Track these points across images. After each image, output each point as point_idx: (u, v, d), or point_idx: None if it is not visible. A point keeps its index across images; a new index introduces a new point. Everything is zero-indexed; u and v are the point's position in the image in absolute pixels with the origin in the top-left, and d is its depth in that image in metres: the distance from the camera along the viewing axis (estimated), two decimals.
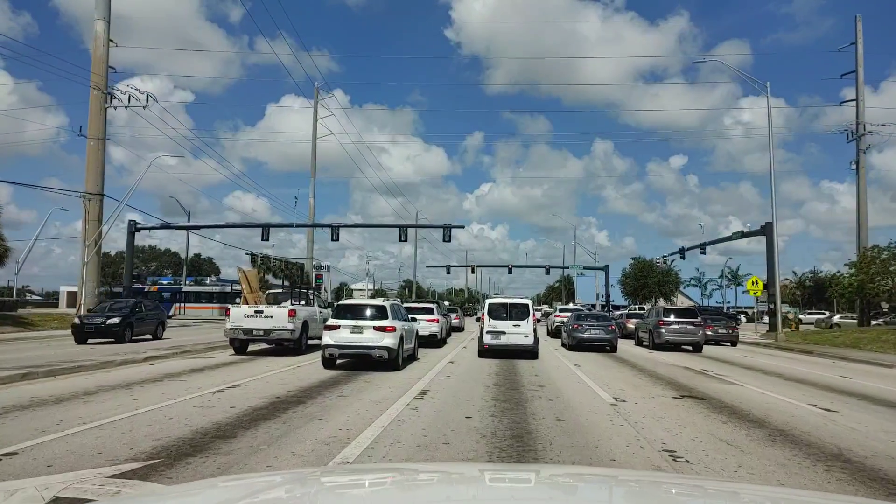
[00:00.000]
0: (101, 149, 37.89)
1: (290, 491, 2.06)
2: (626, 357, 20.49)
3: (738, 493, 2.22)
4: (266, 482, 2.33)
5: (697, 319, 24.14)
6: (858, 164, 41.21)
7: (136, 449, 6.41)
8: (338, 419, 8.34)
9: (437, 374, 13.83)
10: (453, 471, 2.83)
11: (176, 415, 8.34)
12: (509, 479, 2.42)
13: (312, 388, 11.28)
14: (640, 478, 2.97)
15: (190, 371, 13.44)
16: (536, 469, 3.87)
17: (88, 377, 12.18)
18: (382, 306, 14.97)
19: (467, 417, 8.66)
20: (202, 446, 6.58)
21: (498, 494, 2.15)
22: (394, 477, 2.50)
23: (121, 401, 9.42)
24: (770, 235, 39.60)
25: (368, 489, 2.16)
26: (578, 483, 2.37)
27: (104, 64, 38.52)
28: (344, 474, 2.86)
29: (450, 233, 45.65)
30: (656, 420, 8.84)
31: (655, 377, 14.41)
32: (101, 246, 37.90)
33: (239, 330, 17.30)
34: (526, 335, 18.28)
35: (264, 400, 9.73)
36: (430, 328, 22.40)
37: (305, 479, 2.30)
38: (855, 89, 41.78)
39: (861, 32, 42.24)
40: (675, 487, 2.30)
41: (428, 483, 2.28)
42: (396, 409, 9.29)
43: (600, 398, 10.85)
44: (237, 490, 2.11)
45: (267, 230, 46.73)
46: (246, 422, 7.96)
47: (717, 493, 2.20)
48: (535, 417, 8.87)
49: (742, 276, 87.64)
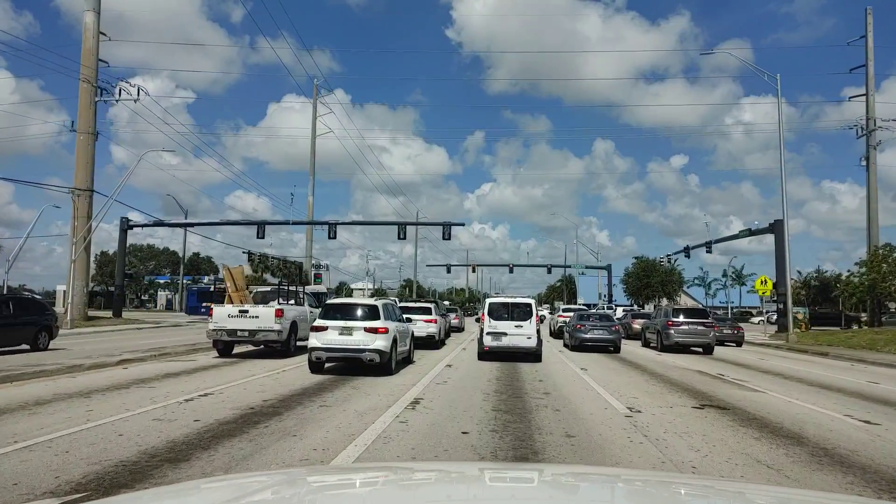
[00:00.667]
0: (90, 143, 36.79)
1: (278, 492, 1.95)
2: (634, 359, 19.40)
3: (745, 493, 2.15)
4: (258, 482, 2.19)
5: (708, 320, 23.04)
6: (869, 161, 40.17)
7: (62, 478, 5.32)
8: (315, 436, 7.25)
9: (433, 380, 12.74)
10: (453, 470, 2.75)
11: (128, 430, 7.25)
12: (510, 479, 2.37)
13: (293, 396, 10.19)
14: (645, 477, 2.88)
15: (164, 376, 12.34)
16: (539, 468, 3.75)
17: (49, 384, 11.08)
18: (374, 306, 13.86)
19: (464, 433, 7.57)
20: (144, 473, 5.48)
21: (499, 494, 2.10)
22: (395, 475, 2.42)
23: (73, 412, 8.33)
24: (780, 233, 38.53)
25: (370, 488, 2.12)
26: (581, 482, 2.31)
27: (94, 56, 37.47)
28: (342, 473, 2.80)
29: (449, 230, 44.63)
30: (680, 436, 7.75)
31: (669, 383, 13.31)
32: (91, 243, 36.88)
33: (222, 331, 16.19)
34: (528, 336, 17.18)
35: (235, 411, 8.64)
36: (428, 329, 21.28)
37: (295, 481, 2.17)
38: (865, 84, 40.65)
39: (871, 26, 41.08)
40: (682, 487, 2.23)
41: (428, 482, 2.22)
42: (384, 422, 8.20)
43: (613, 408, 9.76)
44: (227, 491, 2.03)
45: (262, 228, 45.74)
46: (207, 439, 6.88)
47: (724, 493, 2.13)
48: (542, 432, 7.79)
49: (746, 276, 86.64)
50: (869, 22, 40.99)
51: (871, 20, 41.06)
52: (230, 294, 17.26)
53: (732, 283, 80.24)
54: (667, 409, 9.69)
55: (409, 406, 9.45)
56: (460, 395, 10.76)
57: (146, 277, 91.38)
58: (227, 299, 17.51)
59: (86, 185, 35.69)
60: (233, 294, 17.18)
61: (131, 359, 14.77)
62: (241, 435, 7.14)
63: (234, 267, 18.64)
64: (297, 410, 8.84)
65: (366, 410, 9.01)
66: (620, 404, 10.08)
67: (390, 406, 9.39)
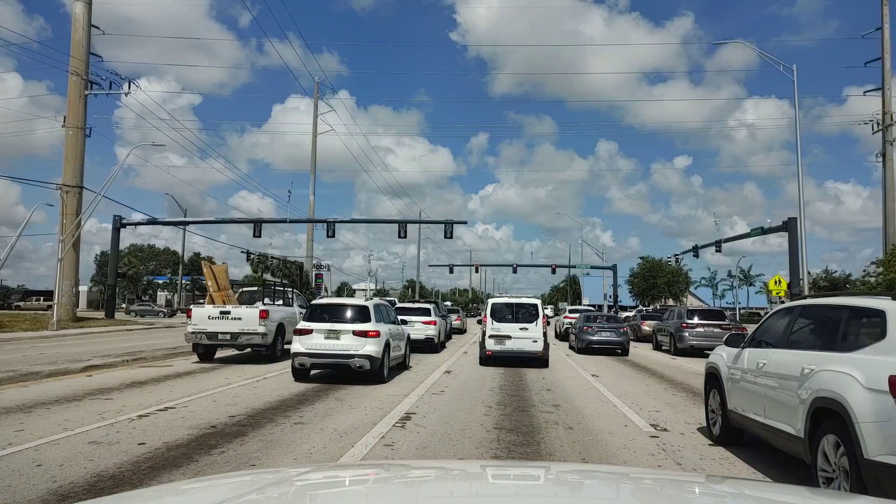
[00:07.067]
0: (80, 138, 35.50)
1: (282, 492, 1.87)
2: (648, 364, 18.08)
3: (759, 495, 2.04)
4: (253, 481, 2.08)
5: (725, 322, 21.70)
6: (885, 157, 38.81)
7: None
8: (278, 464, 5.96)
9: (429, 389, 11.44)
10: (455, 468, 2.69)
11: (51, 459, 5.96)
12: (514, 476, 2.31)
13: (266, 410, 8.90)
14: (654, 476, 2.82)
15: (128, 385, 11.06)
16: (545, 466, 3.68)
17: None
18: (364, 307, 12.54)
19: (460, 460, 6.27)
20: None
21: (503, 491, 2.06)
22: (396, 474, 2.33)
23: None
24: (794, 231, 37.19)
25: (371, 486, 2.08)
26: (587, 480, 2.28)
27: (84, 48, 36.20)
28: (347, 470, 2.82)
29: (451, 229, 43.27)
30: (720, 464, 6.44)
31: (691, 392, 11.98)
32: (80, 240, 35.61)
33: (202, 334, 14.89)
34: (534, 340, 15.84)
35: (192, 431, 7.35)
36: (426, 331, 19.92)
37: (291, 480, 2.04)
38: (881, 77, 39.24)
39: (887, 17, 39.71)
40: (688, 486, 2.14)
41: (431, 480, 2.20)
42: (366, 444, 6.92)
43: (634, 425, 8.45)
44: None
45: (259, 226, 44.47)
46: (142, 471, 5.58)
47: (735, 495, 2.05)
48: (554, 458, 6.51)
49: (754, 277, 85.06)
50: (885, 13, 39.54)
51: (886, 11, 39.62)
52: (211, 294, 15.95)
53: (741, 284, 78.67)
54: (696, 428, 8.37)
55: (399, 423, 8.15)
56: (458, 408, 9.46)
57: (145, 277, 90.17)
58: (209, 299, 16.22)
59: (74, 182, 34.43)
60: (214, 294, 15.87)
61: (100, 364, 13.48)
62: (187, 465, 5.84)
63: (217, 265, 17.33)
64: (266, 430, 7.54)
65: (347, 429, 7.72)
66: (642, 420, 8.77)
67: (376, 423, 8.10)
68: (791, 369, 5.54)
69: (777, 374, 5.83)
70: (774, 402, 5.81)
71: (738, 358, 6.85)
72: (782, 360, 5.82)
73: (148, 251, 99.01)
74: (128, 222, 42.84)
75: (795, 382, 5.38)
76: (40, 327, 28.60)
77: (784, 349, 5.98)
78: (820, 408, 4.95)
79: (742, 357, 6.77)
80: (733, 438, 7.17)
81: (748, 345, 6.85)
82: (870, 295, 6.38)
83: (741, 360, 6.77)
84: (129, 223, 43.49)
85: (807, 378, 5.19)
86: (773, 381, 5.87)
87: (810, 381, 5.12)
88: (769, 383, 5.96)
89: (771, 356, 6.09)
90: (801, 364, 5.38)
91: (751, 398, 6.36)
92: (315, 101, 48.59)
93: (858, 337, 5.11)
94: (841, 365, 4.84)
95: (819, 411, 4.97)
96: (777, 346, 6.18)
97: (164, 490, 2.51)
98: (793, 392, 5.41)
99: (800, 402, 5.23)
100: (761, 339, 6.69)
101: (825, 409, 4.88)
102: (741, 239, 49.28)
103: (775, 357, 6.00)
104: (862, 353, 4.81)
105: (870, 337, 4.90)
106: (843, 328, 5.26)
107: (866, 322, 5.13)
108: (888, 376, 4.28)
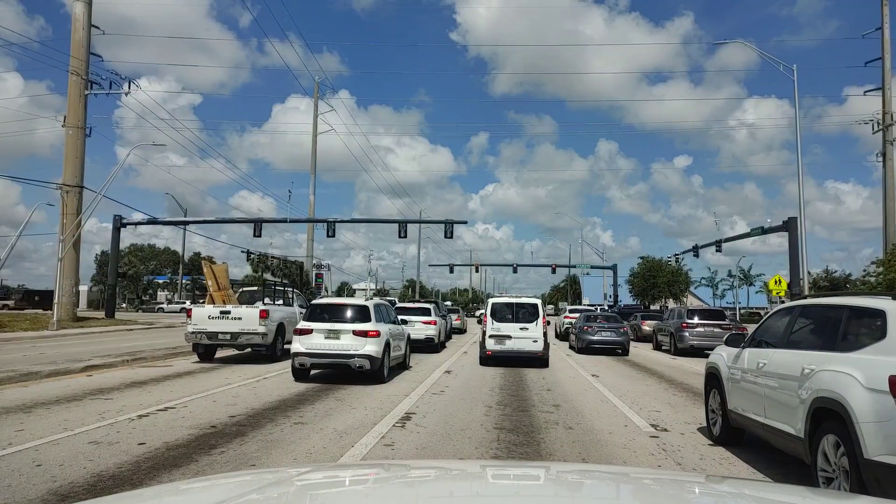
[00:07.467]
0: (80, 137, 35.51)
1: (281, 491, 1.87)
2: (648, 364, 18.08)
3: (759, 495, 2.05)
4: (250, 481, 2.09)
5: (725, 322, 21.69)
6: (885, 157, 38.81)
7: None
8: (277, 465, 5.96)
9: (429, 389, 11.44)
10: (455, 468, 2.69)
11: (51, 459, 5.96)
12: (514, 476, 2.31)
13: (266, 410, 8.90)
14: (654, 475, 2.82)
15: (128, 385, 11.06)
16: (545, 466, 3.68)
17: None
18: (364, 306, 12.54)
19: (460, 460, 6.27)
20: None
21: (503, 491, 2.06)
22: (396, 474, 2.33)
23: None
24: (794, 231, 37.17)
25: (371, 486, 2.08)
26: (587, 480, 2.27)
27: (84, 48, 36.21)
28: (349, 470, 2.83)
29: (451, 228, 43.27)
30: (720, 464, 6.45)
31: (691, 392, 11.99)
32: (80, 240, 35.60)
33: (202, 334, 14.89)
34: (535, 340, 15.84)
35: (192, 431, 7.35)
36: (426, 331, 19.92)
37: (291, 480, 2.03)
38: (881, 77, 39.27)
39: (887, 17, 39.71)
40: (688, 486, 2.14)
41: (431, 480, 2.20)
42: (366, 444, 6.92)
43: (634, 425, 8.45)
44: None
45: (259, 226, 44.47)
46: (143, 472, 5.59)
47: (735, 495, 2.04)
48: (554, 458, 6.51)
49: (754, 277, 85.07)
50: (885, 13, 39.55)
51: (886, 11, 39.60)
52: (211, 293, 15.95)
53: (741, 284, 78.65)
54: (696, 428, 8.37)
55: (399, 423, 8.15)
56: (458, 408, 9.46)
57: (145, 277, 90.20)
58: (209, 299, 16.22)
59: (75, 182, 34.43)
60: (214, 293, 15.86)
61: (100, 364, 13.49)
62: (187, 465, 5.85)
63: (217, 264, 17.33)
64: (266, 430, 7.54)
65: (347, 429, 7.72)
66: (642, 420, 8.78)
67: (377, 423, 8.10)
68: (791, 369, 5.54)
69: (777, 374, 5.83)
70: (774, 402, 5.81)
71: (739, 358, 6.85)
72: (782, 360, 5.82)
73: (148, 251, 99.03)
74: (128, 222, 42.85)
75: (795, 382, 5.38)
76: (40, 327, 28.59)
77: (784, 349, 5.98)
78: (820, 408, 4.95)
79: (742, 357, 6.77)
80: (733, 438, 7.17)
81: (748, 345, 6.85)
82: (870, 295, 6.39)
83: (741, 360, 6.77)
84: (130, 223, 43.50)
85: (807, 378, 5.19)
86: (774, 381, 5.87)
87: (810, 381, 5.12)
88: (769, 383, 5.96)
89: (771, 356, 6.09)
90: (801, 364, 5.38)
91: (751, 398, 6.36)
92: (315, 101, 48.64)
93: (859, 337, 5.10)
94: (841, 365, 4.84)
95: (819, 411, 4.97)
96: (777, 346, 6.18)
97: (164, 490, 2.51)
98: (793, 392, 5.41)
99: (800, 402, 5.23)
100: (761, 338, 6.69)
101: (825, 409, 4.88)
102: (741, 239, 49.30)
103: (775, 357, 6.00)
104: (862, 353, 4.81)
105: (870, 337, 4.89)
106: (843, 328, 5.26)
107: (866, 322, 5.12)
108: (888, 376, 4.28)
